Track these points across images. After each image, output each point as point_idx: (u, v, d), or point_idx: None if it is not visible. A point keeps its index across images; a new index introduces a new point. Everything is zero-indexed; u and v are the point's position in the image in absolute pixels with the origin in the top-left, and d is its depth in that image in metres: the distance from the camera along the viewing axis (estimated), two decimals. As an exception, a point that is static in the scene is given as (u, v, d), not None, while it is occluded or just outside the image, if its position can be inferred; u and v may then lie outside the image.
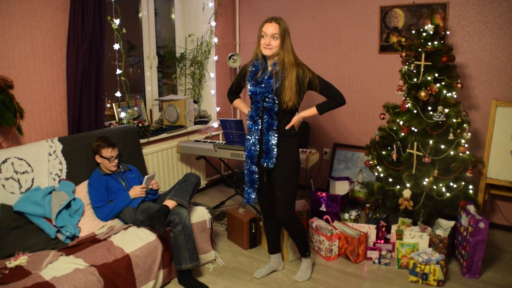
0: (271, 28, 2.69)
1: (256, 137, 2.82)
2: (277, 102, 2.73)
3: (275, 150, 2.78)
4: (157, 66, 4.54)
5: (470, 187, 3.34)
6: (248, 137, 2.87)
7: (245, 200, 2.96)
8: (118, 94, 3.86)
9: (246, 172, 2.91)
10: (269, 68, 2.78)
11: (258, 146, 2.82)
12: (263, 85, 2.74)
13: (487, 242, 3.08)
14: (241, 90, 3.07)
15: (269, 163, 2.79)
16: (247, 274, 3.20)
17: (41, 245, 2.77)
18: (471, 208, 3.20)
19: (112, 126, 3.76)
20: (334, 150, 4.67)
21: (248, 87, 2.80)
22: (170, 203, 3.00)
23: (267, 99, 2.74)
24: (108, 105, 4.05)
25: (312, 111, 2.89)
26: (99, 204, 3.10)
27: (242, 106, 3.06)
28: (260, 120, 2.79)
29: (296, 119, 2.83)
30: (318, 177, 4.83)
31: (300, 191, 4.58)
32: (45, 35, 3.24)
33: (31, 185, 2.98)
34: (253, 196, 2.92)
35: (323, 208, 3.91)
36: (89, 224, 3.04)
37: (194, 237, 3.02)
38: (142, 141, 3.87)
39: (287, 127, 2.80)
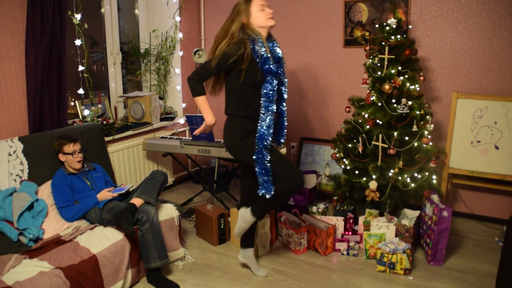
0: None
1: (272, 119, 2.70)
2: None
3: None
4: (121, 62, 4.45)
5: (434, 177, 3.43)
6: (263, 122, 2.67)
7: (267, 191, 2.71)
8: (81, 91, 3.76)
9: (260, 162, 2.67)
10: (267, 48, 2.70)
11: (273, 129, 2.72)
12: (277, 64, 2.76)
13: (450, 230, 3.18)
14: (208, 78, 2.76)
15: (282, 140, 2.87)
16: (217, 270, 3.19)
17: (2, 249, 2.67)
18: (435, 197, 3.29)
19: (75, 124, 3.66)
20: (301, 144, 4.71)
21: (266, 66, 2.65)
22: (137, 201, 2.96)
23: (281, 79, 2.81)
24: (72, 103, 3.94)
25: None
26: (64, 204, 3.01)
27: (206, 107, 2.75)
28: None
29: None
30: (286, 171, 4.85)
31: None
32: (1, 30, 3.11)
33: (-10, 187, 2.87)
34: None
35: (291, 202, 3.93)
36: (54, 225, 2.95)
37: (163, 235, 2.98)
38: (107, 139, 3.78)
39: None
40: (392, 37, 3.36)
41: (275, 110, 2.74)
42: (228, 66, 2.67)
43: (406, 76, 3.39)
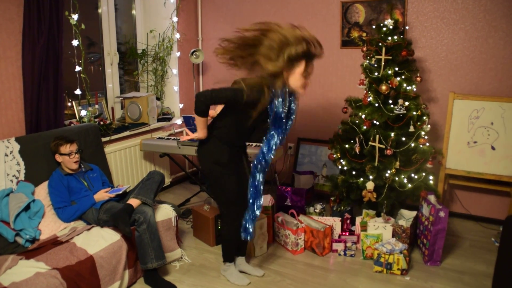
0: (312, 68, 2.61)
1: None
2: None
3: None
4: (118, 63, 4.44)
5: (431, 177, 3.44)
6: (270, 156, 2.64)
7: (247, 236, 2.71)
8: (78, 92, 3.75)
9: (253, 196, 2.68)
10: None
11: None
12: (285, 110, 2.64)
13: (447, 230, 3.18)
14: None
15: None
16: (214, 270, 3.19)
17: (-1, 249, 2.67)
18: (432, 198, 3.30)
19: (72, 124, 3.66)
20: (298, 145, 4.71)
21: (276, 122, 2.60)
22: (134, 202, 2.95)
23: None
24: (69, 104, 3.94)
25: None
26: (61, 205, 3.01)
27: (203, 126, 2.73)
28: None
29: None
30: (282, 172, 4.86)
31: (266, 186, 4.59)
32: (-2, 30, 3.11)
33: (-13, 188, 2.86)
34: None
35: (288, 203, 3.94)
36: (50, 226, 2.95)
37: (160, 236, 2.97)
38: (104, 139, 3.78)
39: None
40: (389, 38, 3.37)
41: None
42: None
43: (403, 77, 3.41)
